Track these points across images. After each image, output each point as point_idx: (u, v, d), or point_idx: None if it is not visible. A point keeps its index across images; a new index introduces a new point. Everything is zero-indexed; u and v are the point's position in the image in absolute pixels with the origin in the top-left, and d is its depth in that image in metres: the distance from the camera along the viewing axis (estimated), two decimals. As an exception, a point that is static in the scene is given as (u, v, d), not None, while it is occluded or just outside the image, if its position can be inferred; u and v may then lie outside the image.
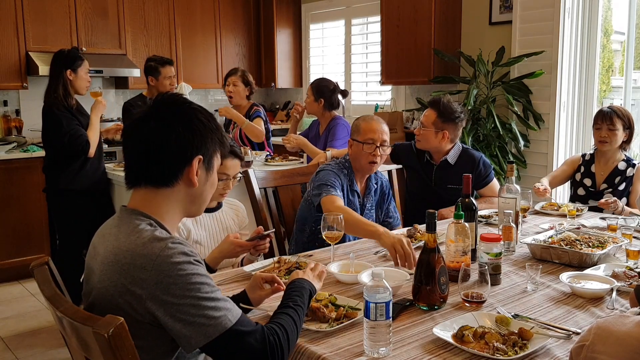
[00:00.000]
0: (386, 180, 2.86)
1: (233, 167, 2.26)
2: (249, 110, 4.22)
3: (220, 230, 2.37)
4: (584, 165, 3.25)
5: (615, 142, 3.12)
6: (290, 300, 1.45)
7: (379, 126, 2.61)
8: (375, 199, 2.76)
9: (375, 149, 2.56)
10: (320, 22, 6.08)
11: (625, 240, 2.22)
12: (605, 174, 3.17)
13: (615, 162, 3.16)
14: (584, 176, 3.23)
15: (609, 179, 3.15)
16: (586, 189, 3.21)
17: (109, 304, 1.25)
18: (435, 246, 1.67)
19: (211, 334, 1.22)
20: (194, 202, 1.40)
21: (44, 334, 3.59)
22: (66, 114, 3.35)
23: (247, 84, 4.21)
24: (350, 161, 2.65)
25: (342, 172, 2.59)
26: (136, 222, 1.30)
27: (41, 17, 4.80)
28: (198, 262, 1.26)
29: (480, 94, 4.24)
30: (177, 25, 5.59)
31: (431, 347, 1.45)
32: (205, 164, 1.37)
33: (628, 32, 3.87)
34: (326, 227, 2.07)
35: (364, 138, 2.58)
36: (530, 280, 1.86)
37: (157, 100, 1.38)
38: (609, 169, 3.17)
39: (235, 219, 2.46)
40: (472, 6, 4.55)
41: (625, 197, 3.10)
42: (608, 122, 3.09)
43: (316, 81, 3.95)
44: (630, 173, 3.11)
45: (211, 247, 2.29)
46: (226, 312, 1.25)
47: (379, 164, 2.62)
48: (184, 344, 1.24)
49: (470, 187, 2.09)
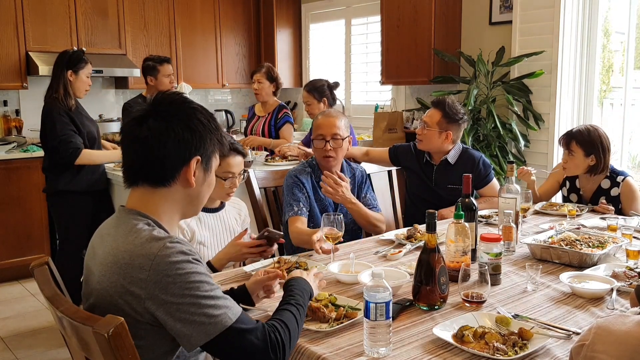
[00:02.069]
0: (362, 170, 2.83)
1: (237, 165, 2.25)
2: (277, 112, 4.20)
3: (224, 230, 2.36)
4: (569, 180, 3.11)
5: (575, 168, 2.95)
6: (292, 298, 1.45)
7: (327, 120, 2.63)
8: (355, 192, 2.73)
9: (325, 143, 2.58)
10: (320, 22, 6.08)
11: (625, 240, 2.22)
12: (590, 193, 3.01)
13: (598, 180, 2.97)
14: (570, 192, 3.10)
15: (593, 199, 2.99)
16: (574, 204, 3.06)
17: (109, 305, 1.24)
18: (435, 246, 1.67)
19: (211, 333, 1.22)
20: (191, 202, 1.39)
21: (44, 334, 3.59)
22: (64, 118, 3.33)
23: (272, 80, 4.21)
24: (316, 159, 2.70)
25: (304, 172, 2.66)
26: (134, 222, 1.30)
27: (41, 17, 4.80)
28: (197, 261, 1.26)
29: (480, 94, 4.24)
30: (177, 25, 5.59)
31: (431, 347, 1.45)
32: (203, 165, 1.36)
33: (628, 32, 3.87)
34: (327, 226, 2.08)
35: (315, 135, 2.64)
36: (530, 280, 1.86)
37: (156, 98, 1.36)
38: (592, 189, 3.00)
39: (238, 218, 2.45)
40: (472, 6, 4.55)
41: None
42: (565, 147, 2.95)
43: (310, 84, 3.95)
44: (615, 193, 2.92)
45: (215, 247, 2.28)
46: (226, 310, 1.24)
47: (336, 157, 2.62)
48: (185, 343, 1.23)
49: (470, 187, 2.09)
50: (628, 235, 2.32)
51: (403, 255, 2.22)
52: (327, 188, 2.50)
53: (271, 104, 4.25)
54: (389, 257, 2.20)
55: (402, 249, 2.26)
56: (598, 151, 2.88)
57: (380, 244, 2.42)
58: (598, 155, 2.89)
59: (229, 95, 6.43)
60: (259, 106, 4.37)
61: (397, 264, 2.11)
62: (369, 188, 2.82)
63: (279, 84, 4.26)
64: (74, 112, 3.40)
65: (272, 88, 4.22)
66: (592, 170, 2.94)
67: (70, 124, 3.36)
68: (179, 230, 2.16)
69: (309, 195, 2.61)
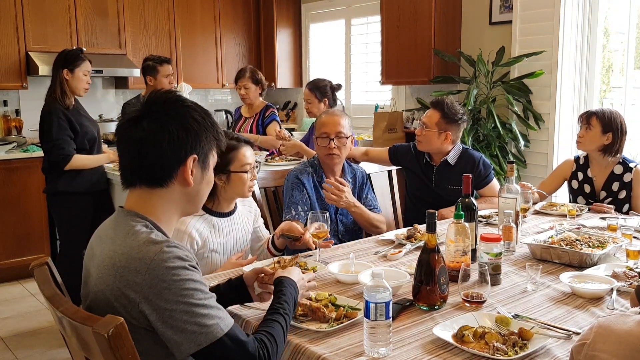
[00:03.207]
0: (362, 171, 2.85)
1: (251, 156, 2.25)
2: (264, 111, 4.21)
3: (238, 233, 2.31)
4: (581, 171, 3.10)
5: (590, 143, 2.98)
6: (281, 307, 1.45)
7: (331, 119, 2.67)
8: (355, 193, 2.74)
9: (330, 141, 2.61)
10: (320, 22, 6.08)
11: (625, 240, 2.22)
12: (602, 180, 3.01)
13: (611, 166, 2.99)
14: (583, 182, 3.08)
15: (606, 186, 3.00)
16: (586, 197, 3.07)
17: (106, 307, 1.24)
18: (435, 246, 1.67)
19: (202, 342, 1.22)
20: (190, 201, 1.39)
21: (44, 334, 3.59)
22: (62, 121, 3.33)
23: (257, 82, 4.21)
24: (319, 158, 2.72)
25: (306, 172, 2.67)
26: (132, 223, 1.29)
27: (41, 17, 4.80)
28: (193, 268, 1.25)
29: (480, 94, 4.24)
30: (177, 25, 5.59)
31: (431, 347, 1.45)
32: (200, 163, 1.35)
33: (628, 32, 3.87)
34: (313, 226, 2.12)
35: (319, 133, 2.67)
36: (530, 280, 1.86)
37: (150, 98, 1.35)
38: (605, 174, 3.01)
39: (250, 216, 2.41)
40: (472, 6, 4.55)
41: (627, 204, 2.96)
42: (585, 122, 3.00)
43: (313, 83, 3.94)
44: (627, 179, 2.95)
45: (228, 252, 2.26)
46: (219, 321, 1.24)
47: (340, 155, 2.66)
48: (175, 350, 1.23)
49: (470, 187, 2.09)
50: (628, 235, 2.32)
51: (403, 255, 2.22)
52: (330, 196, 2.52)
53: (258, 105, 4.26)
54: (389, 257, 2.20)
55: (402, 249, 2.26)
56: (616, 131, 2.93)
57: (380, 244, 2.41)
58: (615, 135, 2.93)
59: (229, 95, 6.43)
60: (245, 108, 4.37)
61: (397, 264, 2.11)
62: (370, 189, 2.83)
63: (264, 85, 4.27)
64: (72, 112, 3.40)
65: (258, 90, 4.23)
66: (605, 150, 2.96)
67: (67, 128, 3.35)
68: (188, 240, 2.12)
69: (309, 195, 2.61)
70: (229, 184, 2.19)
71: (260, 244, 2.44)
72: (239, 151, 2.19)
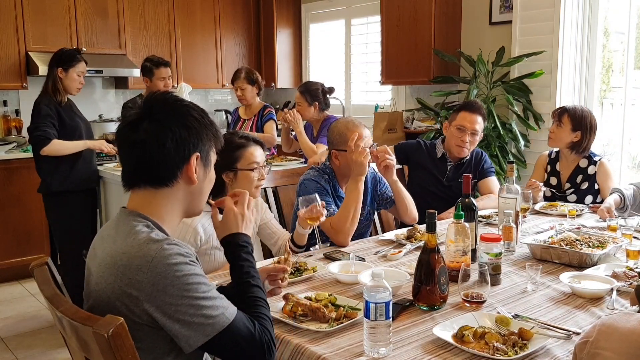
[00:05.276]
0: (372, 171, 2.73)
1: (260, 155, 2.24)
2: (262, 111, 4.20)
3: None
4: (550, 164, 3.24)
5: (559, 140, 3.09)
6: (251, 278, 1.40)
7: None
8: (369, 193, 2.67)
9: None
10: (320, 22, 6.08)
11: (625, 240, 2.22)
12: (568, 173, 3.14)
13: (577, 160, 3.12)
14: (550, 175, 3.22)
15: (571, 178, 3.13)
16: (552, 188, 3.19)
17: (107, 307, 1.24)
18: (435, 246, 1.67)
19: (210, 333, 1.24)
20: (194, 199, 1.40)
21: (44, 334, 3.60)
22: (50, 110, 3.34)
23: (253, 82, 4.18)
24: (335, 170, 2.57)
25: (323, 179, 2.53)
26: (133, 223, 1.30)
27: (41, 17, 4.80)
28: (194, 262, 1.27)
29: (480, 94, 4.24)
30: (177, 25, 5.59)
31: (431, 347, 1.45)
32: (202, 161, 1.37)
33: (628, 32, 3.87)
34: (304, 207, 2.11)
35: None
36: (530, 280, 1.86)
37: (147, 100, 1.36)
38: (571, 168, 3.14)
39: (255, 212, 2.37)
40: (472, 6, 4.55)
41: (590, 195, 3.07)
42: (556, 119, 3.11)
43: (304, 86, 3.93)
44: (592, 171, 3.07)
45: None
46: (224, 310, 1.26)
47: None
48: (183, 344, 1.24)
49: (470, 187, 2.10)
50: (628, 235, 2.32)
51: (403, 255, 2.22)
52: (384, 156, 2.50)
53: (256, 106, 4.24)
54: (389, 257, 2.20)
55: (402, 249, 2.26)
56: (585, 130, 3.05)
57: (380, 244, 2.42)
58: (584, 133, 3.05)
59: (229, 95, 6.43)
60: (242, 109, 4.35)
61: (397, 264, 2.11)
62: (382, 184, 2.73)
63: (260, 85, 4.23)
64: (64, 108, 3.43)
65: (255, 90, 4.20)
66: (574, 147, 3.09)
67: (53, 117, 3.36)
68: (192, 234, 2.12)
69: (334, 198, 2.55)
70: (236, 181, 2.19)
71: (274, 240, 2.40)
72: (247, 149, 2.20)
